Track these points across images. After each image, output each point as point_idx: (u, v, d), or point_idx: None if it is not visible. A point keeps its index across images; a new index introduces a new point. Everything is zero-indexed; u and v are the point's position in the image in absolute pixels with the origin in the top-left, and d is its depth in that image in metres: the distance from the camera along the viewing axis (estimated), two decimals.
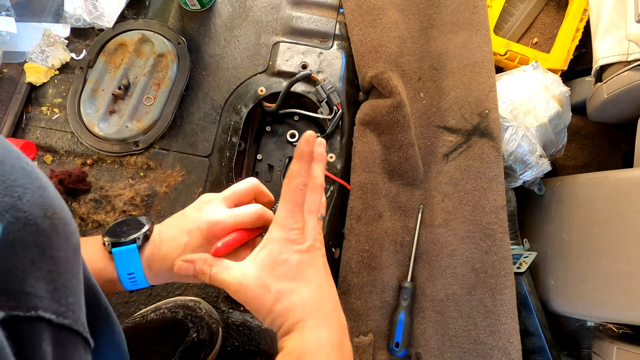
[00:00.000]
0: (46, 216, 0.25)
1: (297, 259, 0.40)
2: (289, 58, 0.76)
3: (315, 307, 0.39)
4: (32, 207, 0.24)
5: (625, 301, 0.65)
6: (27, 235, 0.24)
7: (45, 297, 0.25)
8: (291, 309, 0.38)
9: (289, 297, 0.39)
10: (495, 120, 0.74)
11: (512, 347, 0.66)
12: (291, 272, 0.39)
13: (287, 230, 0.41)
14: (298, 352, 0.36)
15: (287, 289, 0.39)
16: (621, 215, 0.66)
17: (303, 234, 0.41)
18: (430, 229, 0.73)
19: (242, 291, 0.39)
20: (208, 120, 0.74)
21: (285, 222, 0.41)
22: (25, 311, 0.23)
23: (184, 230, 0.45)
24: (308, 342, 0.37)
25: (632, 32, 0.71)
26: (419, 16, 0.83)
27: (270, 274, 0.39)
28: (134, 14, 0.79)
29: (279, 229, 0.41)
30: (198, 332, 0.59)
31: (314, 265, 0.41)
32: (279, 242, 0.40)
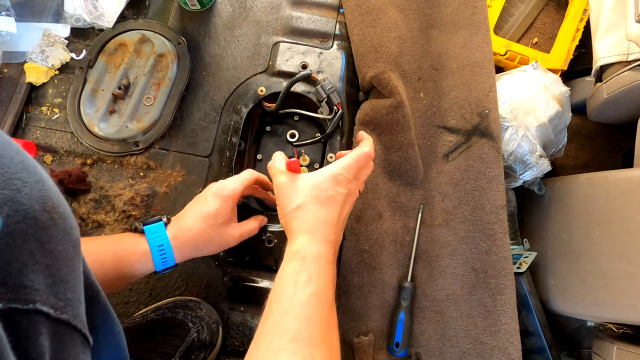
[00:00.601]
0: (45, 210, 0.25)
1: (332, 193, 0.51)
2: (289, 58, 0.76)
3: (324, 231, 0.49)
4: (31, 200, 0.24)
5: (625, 301, 0.65)
6: (26, 228, 0.24)
7: (44, 290, 0.25)
8: (306, 220, 0.49)
9: (309, 209, 0.50)
10: (495, 120, 0.74)
11: (512, 347, 0.66)
12: (323, 196, 0.50)
13: (339, 173, 0.52)
14: (303, 254, 0.46)
15: (312, 203, 0.50)
16: (621, 215, 0.66)
17: (348, 183, 0.52)
18: (430, 229, 0.73)
19: (289, 183, 0.52)
20: (208, 120, 0.74)
21: (343, 168, 0.52)
22: (23, 304, 0.23)
23: (204, 202, 0.57)
24: (312, 248, 0.47)
25: (632, 32, 0.71)
26: (419, 16, 0.83)
27: (309, 186, 0.51)
28: (134, 14, 0.79)
29: (337, 168, 0.52)
30: (198, 332, 0.60)
31: (341, 205, 0.52)
32: (329, 177, 0.51)
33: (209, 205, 0.56)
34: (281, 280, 0.46)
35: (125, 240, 0.53)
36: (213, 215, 0.56)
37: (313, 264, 0.46)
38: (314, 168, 0.75)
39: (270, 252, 0.68)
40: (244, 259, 0.69)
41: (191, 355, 0.58)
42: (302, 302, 0.43)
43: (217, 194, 0.57)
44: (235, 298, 0.68)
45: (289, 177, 0.53)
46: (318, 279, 0.45)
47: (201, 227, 0.55)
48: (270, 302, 0.44)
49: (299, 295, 0.43)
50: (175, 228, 0.55)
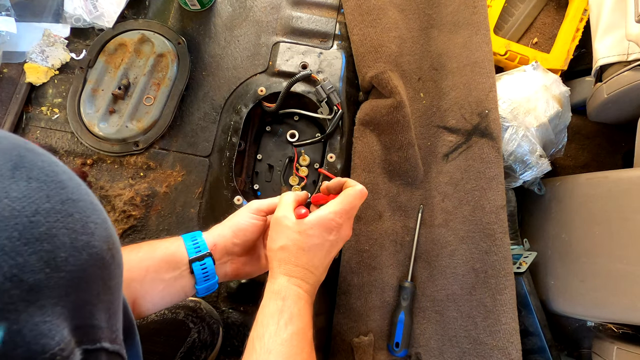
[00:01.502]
0: (109, 248, 0.26)
1: (318, 242, 0.50)
2: (289, 58, 0.76)
3: (303, 274, 0.49)
4: (100, 241, 0.25)
5: (625, 301, 0.65)
6: (96, 270, 0.25)
7: (105, 326, 0.26)
8: (286, 262, 0.49)
9: (291, 253, 0.49)
10: (495, 120, 0.74)
11: (512, 347, 0.66)
12: (307, 244, 0.49)
13: (330, 219, 0.50)
14: (284, 294, 0.47)
15: (294, 248, 0.49)
16: (621, 215, 0.66)
17: (339, 230, 0.51)
18: (430, 229, 0.73)
19: (280, 221, 0.51)
20: (208, 120, 0.74)
21: (334, 213, 0.51)
22: (92, 344, 0.24)
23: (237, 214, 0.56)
24: (291, 290, 0.48)
25: (632, 32, 0.71)
26: (419, 16, 0.83)
27: (296, 232, 0.50)
28: (134, 14, 0.79)
29: (327, 213, 0.51)
30: (199, 332, 0.60)
31: (326, 253, 0.51)
32: (319, 221, 0.50)
33: (240, 217, 0.55)
34: (263, 318, 0.46)
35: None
36: (243, 227, 0.54)
37: (294, 305, 0.47)
38: (313, 168, 0.75)
39: None
40: None
41: (192, 355, 0.58)
42: (284, 340, 0.43)
43: (249, 209, 0.56)
44: (235, 298, 0.68)
45: (285, 214, 0.51)
46: (299, 319, 0.46)
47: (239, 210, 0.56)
48: (252, 340, 0.45)
49: (281, 334, 0.44)
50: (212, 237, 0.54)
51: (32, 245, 0.21)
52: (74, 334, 0.23)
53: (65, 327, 0.22)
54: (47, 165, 0.25)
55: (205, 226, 0.69)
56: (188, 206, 0.71)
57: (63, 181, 0.25)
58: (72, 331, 0.23)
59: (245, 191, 0.74)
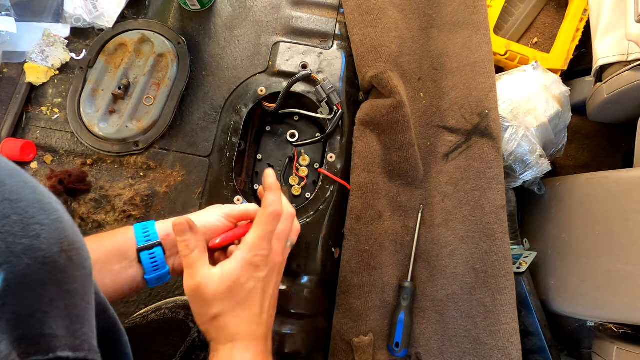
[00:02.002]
0: (62, 250, 0.24)
1: (251, 286, 0.44)
2: (289, 58, 0.76)
3: (248, 331, 0.43)
4: (49, 244, 0.23)
5: (625, 301, 0.65)
6: (45, 274, 0.23)
7: (63, 334, 0.24)
8: (226, 328, 0.43)
9: (229, 317, 0.43)
10: (495, 120, 0.74)
11: (512, 347, 0.66)
12: (241, 295, 0.43)
13: (253, 254, 0.44)
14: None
15: (231, 310, 0.43)
16: (621, 215, 0.67)
17: (266, 261, 0.45)
18: (430, 229, 0.73)
19: (197, 291, 0.43)
20: (208, 120, 0.74)
21: (252, 247, 0.44)
22: (44, 354, 0.23)
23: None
24: (237, 357, 0.42)
25: (632, 32, 0.71)
26: (419, 16, 0.83)
27: (224, 291, 0.43)
28: (134, 14, 0.79)
29: (247, 250, 0.44)
30: (199, 332, 0.60)
31: (264, 293, 0.45)
32: (243, 264, 0.44)
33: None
34: None
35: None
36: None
37: None
38: (313, 168, 0.75)
39: None
40: None
41: (192, 355, 0.58)
42: None
43: (203, 226, 0.50)
44: None
45: (202, 277, 0.43)
46: None
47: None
48: None
49: None
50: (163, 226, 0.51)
51: None
52: (16, 345, 0.21)
53: (3, 340, 0.21)
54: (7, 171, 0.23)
55: None
56: (188, 206, 0.71)
57: (0, 179, 0.23)
58: (13, 343, 0.21)
59: (245, 191, 0.74)
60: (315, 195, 0.71)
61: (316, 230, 0.69)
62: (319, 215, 0.69)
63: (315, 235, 0.69)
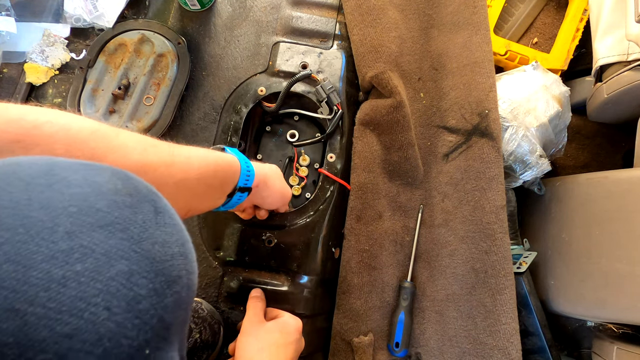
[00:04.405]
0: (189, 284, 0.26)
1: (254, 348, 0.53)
2: (289, 58, 0.76)
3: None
4: (196, 276, 0.27)
5: (625, 301, 0.65)
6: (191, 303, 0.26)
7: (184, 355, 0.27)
8: None
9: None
10: (495, 120, 0.74)
11: (512, 347, 0.66)
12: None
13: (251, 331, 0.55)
14: None
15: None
16: (621, 215, 0.66)
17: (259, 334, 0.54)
18: (430, 229, 0.73)
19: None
20: (208, 120, 0.74)
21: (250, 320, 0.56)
22: None
23: None
24: None
25: (632, 32, 0.71)
26: (419, 16, 0.83)
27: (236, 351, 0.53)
28: (134, 14, 0.79)
29: (246, 329, 0.55)
30: (201, 332, 0.60)
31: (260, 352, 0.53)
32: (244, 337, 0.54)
33: None
34: None
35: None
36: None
37: None
38: (313, 168, 0.75)
39: (270, 252, 0.68)
40: (244, 259, 0.69)
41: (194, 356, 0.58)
42: None
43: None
44: (235, 298, 0.68)
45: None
46: None
47: (275, 167, 0.59)
48: None
49: None
50: None
51: (171, 287, 0.23)
52: None
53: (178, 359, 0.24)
54: (170, 209, 0.26)
55: (205, 226, 0.69)
56: None
57: (180, 223, 0.27)
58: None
59: None
60: (315, 195, 0.71)
61: (316, 230, 0.69)
62: (319, 215, 0.69)
63: (315, 235, 0.69)
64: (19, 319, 0.18)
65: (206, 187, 0.45)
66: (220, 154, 0.48)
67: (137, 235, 0.23)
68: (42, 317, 0.18)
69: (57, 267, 0.19)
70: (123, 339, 0.20)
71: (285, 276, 0.68)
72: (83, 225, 0.21)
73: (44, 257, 0.19)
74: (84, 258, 0.20)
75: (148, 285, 0.22)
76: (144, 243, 0.23)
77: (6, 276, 0.18)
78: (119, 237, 0.22)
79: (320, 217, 0.69)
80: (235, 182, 0.49)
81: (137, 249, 0.22)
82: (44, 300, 0.19)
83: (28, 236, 0.20)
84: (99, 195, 0.23)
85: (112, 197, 0.23)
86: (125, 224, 0.23)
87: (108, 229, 0.22)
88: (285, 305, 0.65)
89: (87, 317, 0.19)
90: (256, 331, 0.55)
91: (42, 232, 0.20)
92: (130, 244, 0.22)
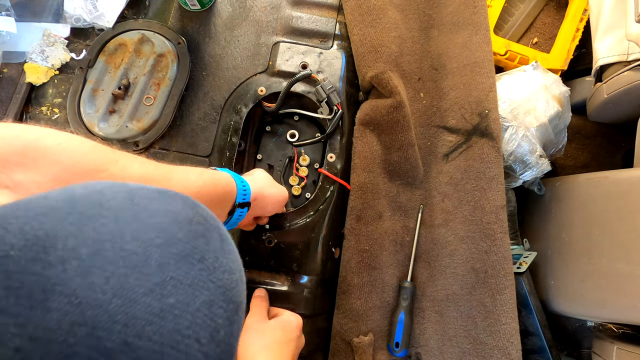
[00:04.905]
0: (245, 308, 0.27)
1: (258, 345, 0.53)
2: (289, 58, 0.76)
3: None
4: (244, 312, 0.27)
5: (625, 301, 0.65)
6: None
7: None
8: None
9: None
10: (495, 120, 0.74)
11: (512, 347, 0.66)
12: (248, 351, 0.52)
13: (255, 328, 0.55)
14: None
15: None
16: (621, 215, 0.66)
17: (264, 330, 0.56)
18: (430, 229, 0.73)
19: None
20: (208, 120, 0.74)
21: (255, 319, 0.57)
22: None
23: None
24: None
25: (632, 32, 0.71)
26: (419, 16, 0.83)
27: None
28: (134, 14, 0.79)
29: (249, 327, 0.56)
30: None
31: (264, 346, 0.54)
32: (248, 335, 0.55)
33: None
34: None
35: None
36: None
37: None
38: (313, 168, 0.75)
39: (270, 252, 0.68)
40: (244, 259, 0.68)
41: None
42: None
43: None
44: None
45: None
46: None
47: (264, 173, 0.60)
48: None
49: None
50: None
51: (237, 313, 0.25)
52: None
53: None
54: (228, 234, 0.28)
55: None
56: None
57: (236, 250, 0.28)
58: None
59: None
60: (315, 195, 0.71)
61: (316, 230, 0.69)
62: (319, 215, 0.69)
63: (315, 235, 0.69)
64: (131, 352, 0.19)
65: (207, 202, 0.45)
66: (216, 171, 0.50)
67: (212, 265, 0.24)
68: (150, 350, 0.19)
69: (155, 300, 0.20)
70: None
71: (285, 276, 0.68)
72: (170, 257, 0.22)
73: (145, 290, 0.20)
74: (175, 291, 0.21)
75: (224, 314, 0.23)
76: (217, 272, 0.24)
77: (117, 310, 0.19)
78: (199, 268, 0.23)
79: (320, 217, 0.69)
80: (234, 198, 0.50)
81: (213, 279, 0.23)
82: (149, 333, 0.20)
83: (128, 269, 0.20)
84: (176, 224, 0.24)
85: (188, 226, 0.24)
86: (202, 254, 0.24)
87: (189, 260, 0.23)
88: (285, 305, 0.65)
89: (182, 349, 0.20)
90: (260, 329, 0.55)
91: (138, 265, 0.21)
92: (207, 274, 0.23)
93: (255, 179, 0.57)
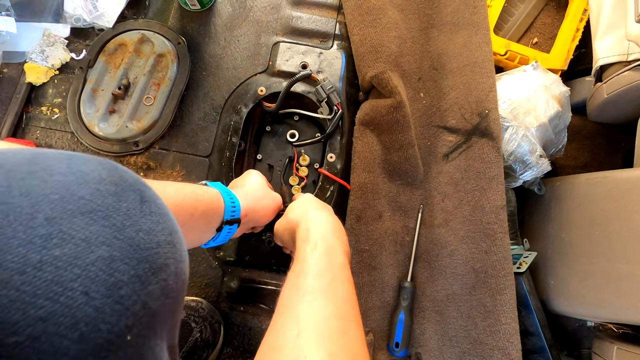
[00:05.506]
0: (177, 272, 0.26)
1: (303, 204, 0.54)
2: (289, 58, 0.76)
3: (306, 209, 0.50)
4: (187, 267, 0.26)
5: (625, 301, 0.65)
6: (183, 293, 0.26)
7: (177, 343, 0.27)
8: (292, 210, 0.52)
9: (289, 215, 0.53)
10: (495, 120, 0.74)
11: (512, 347, 0.66)
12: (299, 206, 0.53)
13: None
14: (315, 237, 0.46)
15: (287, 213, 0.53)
16: (621, 215, 0.66)
17: None
18: (430, 229, 0.73)
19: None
20: (208, 120, 0.74)
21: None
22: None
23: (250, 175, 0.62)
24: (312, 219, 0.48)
25: (632, 32, 0.71)
26: (419, 16, 0.83)
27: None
28: (134, 14, 0.79)
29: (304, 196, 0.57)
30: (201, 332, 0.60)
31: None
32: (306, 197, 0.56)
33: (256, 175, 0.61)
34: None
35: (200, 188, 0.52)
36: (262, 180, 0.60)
37: None
38: (313, 168, 0.75)
39: (270, 252, 0.68)
40: (244, 259, 0.69)
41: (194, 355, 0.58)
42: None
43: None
44: (235, 298, 0.68)
45: None
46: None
47: (257, 181, 0.59)
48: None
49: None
50: (231, 186, 0.57)
51: (157, 275, 0.23)
52: (169, 353, 0.24)
53: (165, 349, 0.24)
54: (158, 198, 0.26)
55: None
56: None
57: (169, 213, 0.26)
58: (167, 351, 0.24)
59: None
60: (315, 195, 0.71)
61: None
62: None
63: None
64: None
65: (187, 218, 0.45)
66: (200, 187, 0.49)
67: (120, 223, 0.22)
68: (15, 299, 0.18)
69: (33, 251, 0.19)
70: (102, 324, 0.20)
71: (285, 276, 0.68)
72: (64, 212, 0.21)
73: (21, 241, 0.19)
74: (62, 243, 0.20)
75: (130, 271, 0.21)
76: (127, 230, 0.22)
77: None
78: (101, 224, 0.22)
79: None
80: (221, 215, 0.49)
81: (120, 236, 0.22)
82: (17, 283, 0.18)
83: (6, 222, 0.19)
84: (82, 183, 0.22)
85: (96, 185, 0.23)
86: (108, 212, 0.22)
87: (89, 216, 0.21)
88: None
89: (62, 301, 0.19)
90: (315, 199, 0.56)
91: (20, 218, 0.20)
92: (112, 230, 0.22)
93: (247, 193, 0.55)
